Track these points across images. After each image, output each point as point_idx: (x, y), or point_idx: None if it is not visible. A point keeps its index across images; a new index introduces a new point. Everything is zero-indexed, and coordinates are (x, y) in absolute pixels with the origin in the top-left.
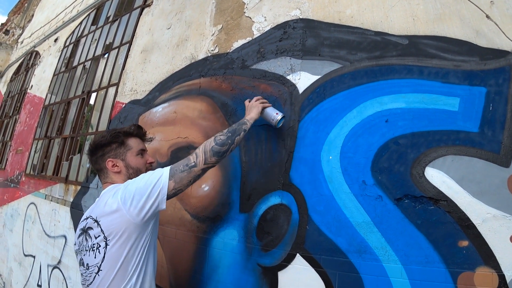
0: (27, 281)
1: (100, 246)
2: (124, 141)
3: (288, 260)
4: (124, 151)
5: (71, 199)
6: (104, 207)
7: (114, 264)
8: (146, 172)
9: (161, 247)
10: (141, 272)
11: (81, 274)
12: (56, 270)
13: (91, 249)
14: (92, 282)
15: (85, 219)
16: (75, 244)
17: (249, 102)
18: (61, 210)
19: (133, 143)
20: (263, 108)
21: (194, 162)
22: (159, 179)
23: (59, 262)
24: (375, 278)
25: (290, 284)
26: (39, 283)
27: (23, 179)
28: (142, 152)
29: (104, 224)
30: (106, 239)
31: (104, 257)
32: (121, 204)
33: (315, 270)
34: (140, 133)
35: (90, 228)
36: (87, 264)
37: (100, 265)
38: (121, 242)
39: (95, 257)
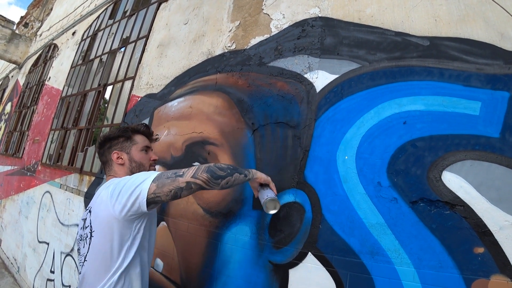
0: (40, 267)
1: (87, 236)
2: (131, 136)
3: (299, 258)
4: (129, 145)
5: (85, 189)
6: (97, 199)
7: (95, 257)
8: (149, 168)
9: (172, 240)
10: (124, 272)
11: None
12: (68, 258)
13: (84, 239)
14: (80, 271)
15: (86, 209)
16: (77, 233)
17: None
18: (75, 199)
19: (139, 139)
20: (269, 184)
21: (183, 172)
22: (144, 181)
23: (72, 250)
24: (387, 281)
25: (301, 282)
26: (52, 269)
27: (39, 168)
28: (147, 148)
29: (92, 215)
30: (91, 230)
31: (89, 248)
32: (108, 198)
33: (327, 269)
34: (147, 132)
35: (85, 218)
36: (80, 253)
37: (86, 255)
38: (103, 236)
39: (83, 247)
